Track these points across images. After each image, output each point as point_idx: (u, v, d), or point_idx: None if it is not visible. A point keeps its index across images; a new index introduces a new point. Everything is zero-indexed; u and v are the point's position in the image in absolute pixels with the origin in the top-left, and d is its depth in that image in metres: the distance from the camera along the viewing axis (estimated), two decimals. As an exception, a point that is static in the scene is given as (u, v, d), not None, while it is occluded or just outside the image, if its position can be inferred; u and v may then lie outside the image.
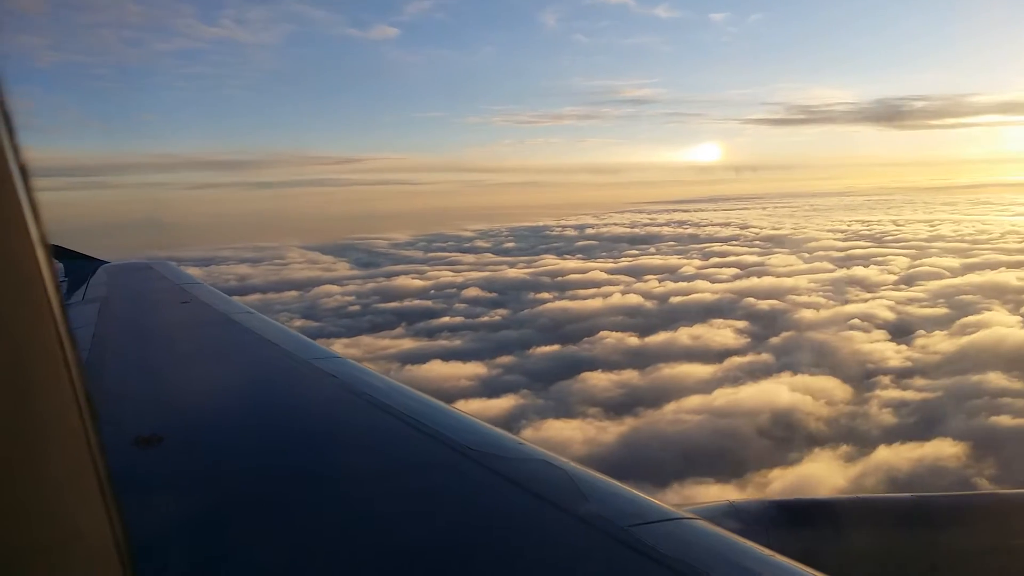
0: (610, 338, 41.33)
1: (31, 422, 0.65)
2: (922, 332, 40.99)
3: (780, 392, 29.89)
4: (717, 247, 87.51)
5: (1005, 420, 25.73)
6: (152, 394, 3.66)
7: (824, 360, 36.08)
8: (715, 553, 2.10)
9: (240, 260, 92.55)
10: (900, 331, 41.61)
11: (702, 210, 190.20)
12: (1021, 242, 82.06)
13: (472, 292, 60.00)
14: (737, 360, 36.54)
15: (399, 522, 2.28)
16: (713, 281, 60.43)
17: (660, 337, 41.21)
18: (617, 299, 52.97)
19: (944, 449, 23.31)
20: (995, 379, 30.11)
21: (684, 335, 41.25)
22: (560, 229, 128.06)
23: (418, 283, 66.33)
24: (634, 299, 52.79)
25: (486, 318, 50.67)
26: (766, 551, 2.13)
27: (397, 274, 74.16)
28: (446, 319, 50.42)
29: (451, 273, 73.52)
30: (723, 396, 29.89)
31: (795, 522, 3.17)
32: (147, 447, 2.74)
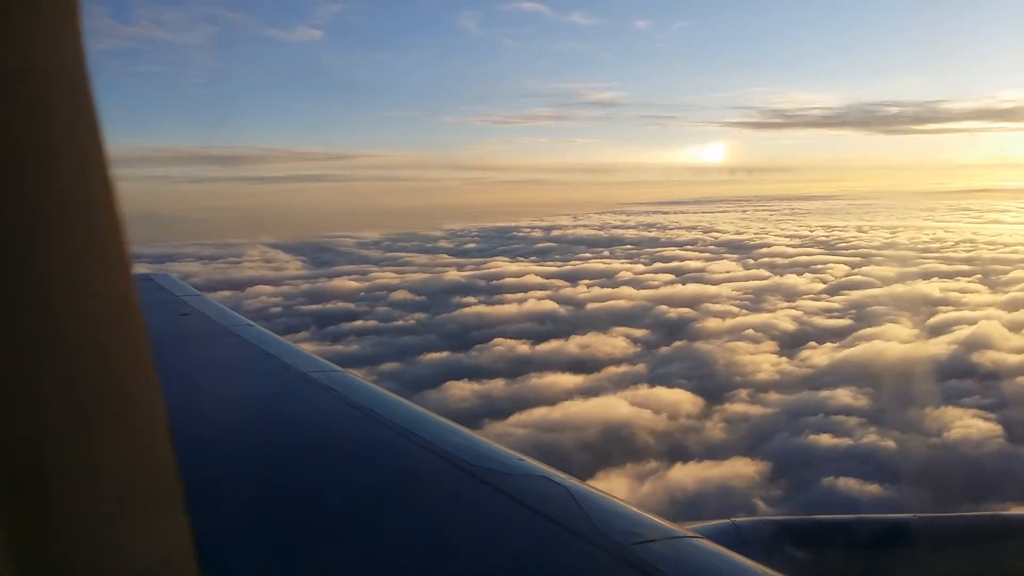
0: (501, 346, 41.57)
1: (120, 425, 0.69)
2: (813, 344, 41.18)
3: (621, 406, 30.10)
4: (668, 252, 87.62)
5: (824, 439, 25.94)
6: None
7: (696, 372, 36.34)
8: (717, 572, 2.13)
9: (197, 258, 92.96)
10: (792, 343, 41.76)
11: (682, 212, 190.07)
12: (971, 251, 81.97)
13: (400, 295, 60.34)
14: (612, 370, 36.79)
15: (399, 537, 2.28)
16: (640, 288, 60.63)
17: (551, 345, 41.46)
18: (532, 305, 53.22)
19: (739, 469, 23.54)
20: (841, 396, 30.31)
21: (574, 344, 41.46)
22: (529, 230, 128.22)
23: (354, 285, 66.66)
24: (549, 305, 53.05)
25: (400, 322, 50.96)
26: (768, 571, 2.14)
27: (342, 275, 74.55)
28: (359, 323, 50.75)
29: (394, 275, 73.90)
30: (568, 408, 30.15)
31: (797, 542, 3.20)
32: None
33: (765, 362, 37.60)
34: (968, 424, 26.31)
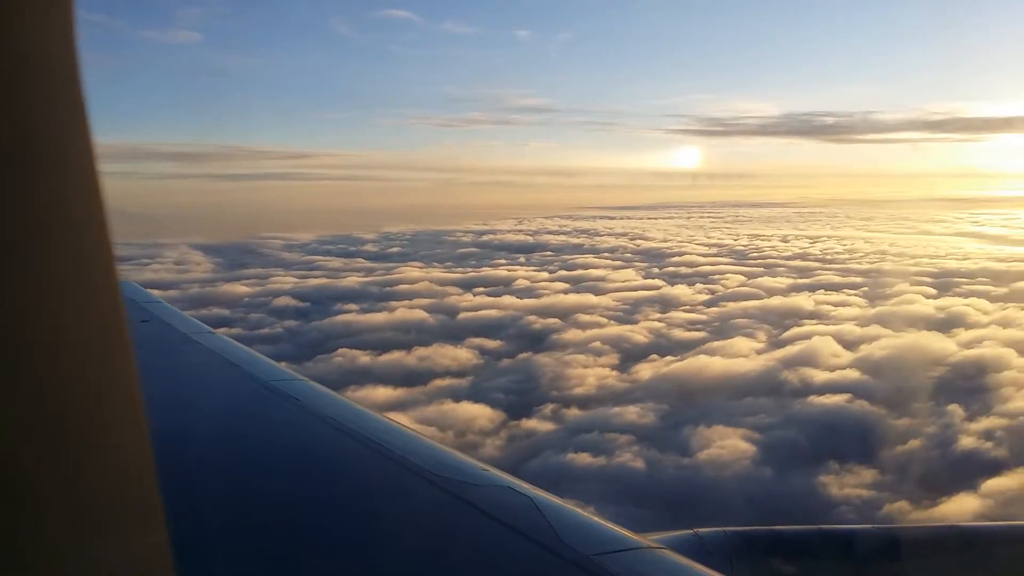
0: (342, 357, 41.47)
1: (99, 422, 0.66)
2: (654, 357, 41.49)
3: (412, 422, 30.08)
4: (582, 260, 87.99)
5: (581, 458, 26.11)
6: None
7: (519, 386, 36.51)
8: None
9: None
10: (635, 357, 42.01)
11: (630, 218, 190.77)
12: (876, 262, 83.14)
13: (283, 301, 60.01)
14: (438, 384, 36.83)
15: (363, 549, 2.23)
16: (525, 297, 60.76)
17: (392, 357, 41.41)
18: (401, 314, 53.17)
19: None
20: (630, 413, 30.59)
21: (415, 356, 41.47)
22: (463, 234, 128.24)
23: (244, 290, 66.17)
24: (419, 314, 53.01)
25: (265, 330, 50.70)
26: None
27: (243, 279, 73.99)
28: (222, 330, 49.98)
29: (295, 280, 73.55)
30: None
31: (761, 552, 3.17)
32: None
33: (592, 376, 37.80)
34: (727, 445, 26.62)
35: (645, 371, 38.47)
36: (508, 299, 59.33)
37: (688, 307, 57.17)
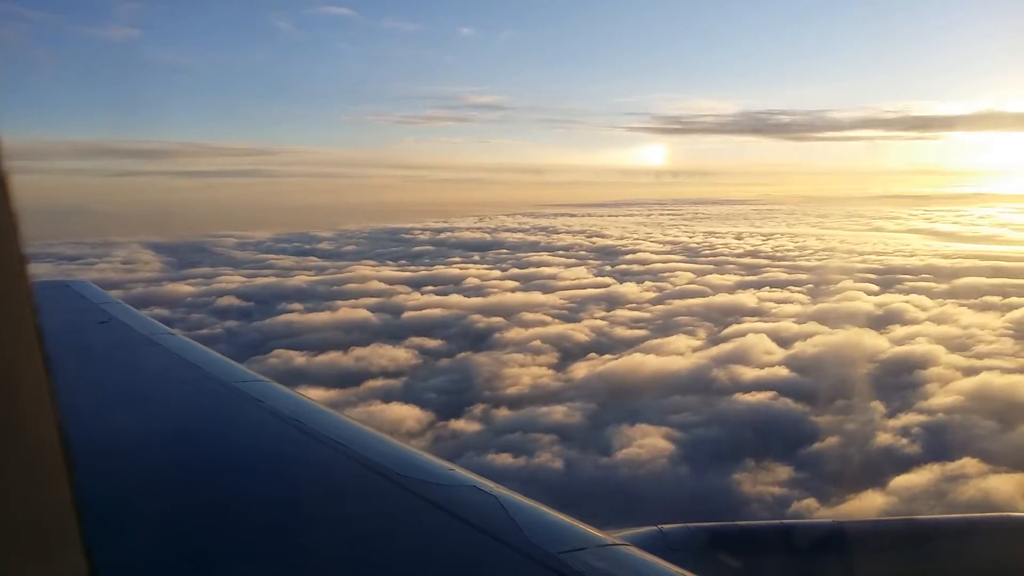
0: (277, 357, 40.97)
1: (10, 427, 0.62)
2: (593, 356, 41.57)
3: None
4: (536, 258, 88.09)
5: (501, 459, 26.03)
6: (65, 418, 3.23)
7: (453, 386, 36.39)
8: None
9: (59, 258, 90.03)
10: (574, 355, 42.04)
11: (591, 215, 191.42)
12: (824, 260, 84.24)
13: (225, 301, 59.23)
14: (371, 384, 36.54)
15: (328, 550, 2.20)
16: (473, 296, 60.61)
17: (328, 357, 41.03)
18: (344, 313, 52.74)
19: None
20: (557, 412, 30.61)
21: (352, 356, 41.12)
22: (420, 232, 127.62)
23: (189, 290, 65.23)
24: (362, 314, 52.61)
25: (205, 331, 49.91)
26: None
27: (189, 278, 72.88)
28: (161, 331, 49.46)
29: (243, 279, 72.64)
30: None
31: (725, 548, 3.17)
32: None
33: (527, 376, 37.75)
34: (647, 444, 26.71)
35: (581, 370, 38.52)
36: (455, 298, 59.12)
37: (634, 305, 57.38)
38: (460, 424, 30.68)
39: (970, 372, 35.58)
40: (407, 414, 31.47)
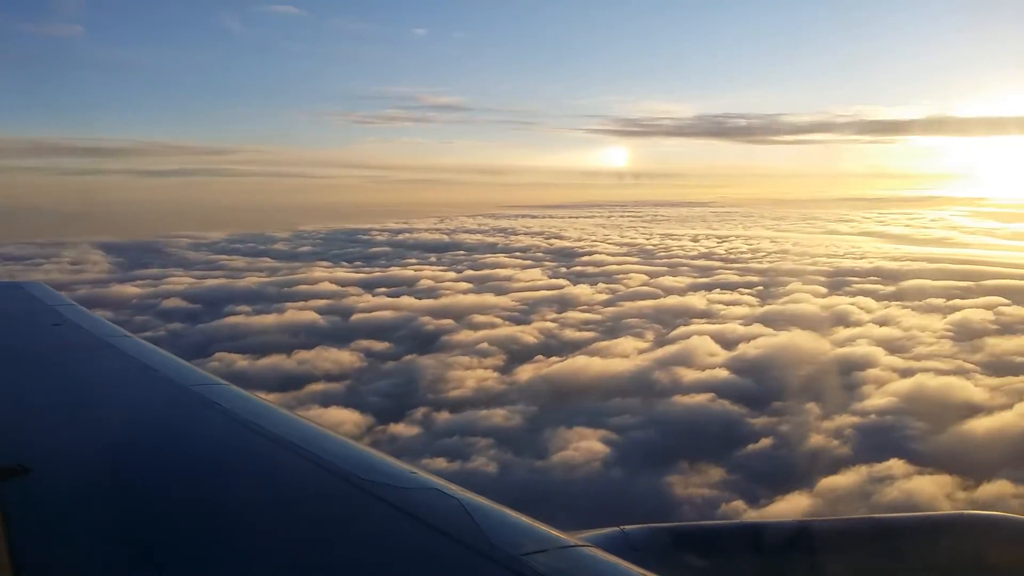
0: (218, 361, 40.28)
1: None
2: (540, 358, 41.54)
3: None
4: (492, 259, 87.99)
5: (437, 463, 25.86)
6: (19, 422, 3.36)
7: (396, 390, 36.12)
8: None
9: (5, 258, 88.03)
10: (521, 358, 41.94)
11: (552, 217, 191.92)
12: (776, 262, 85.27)
13: (172, 303, 58.23)
14: (312, 388, 36.12)
15: (289, 556, 2.18)
16: (422, 297, 60.32)
17: (270, 360, 40.47)
18: (292, 315, 52.13)
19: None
20: (496, 416, 30.50)
21: (295, 360, 40.61)
22: (379, 233, 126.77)
23: (134, 291, 64.05)
24: (310, 316, 52.05)
25: (148, 333, 48.87)
26: None
27: (138, 279, 71.52)
28: (102, 334, 48.43)
29: (193, 280, 71.52)
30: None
31: (687, 548, 3.14)
32: (10, 478, 2.57)
33: (472, 379, 37.59)
34: (583, 447, 26.74)
35: (526, 373, 38.47)
36: (406, 300, 58.74)
37: (585, 307, 57.55)
38: (399, 428, 30.45)
39: (907, 374, 36.24)
40: (346, 418, 31.10)
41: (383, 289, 64.94)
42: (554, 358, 41.35)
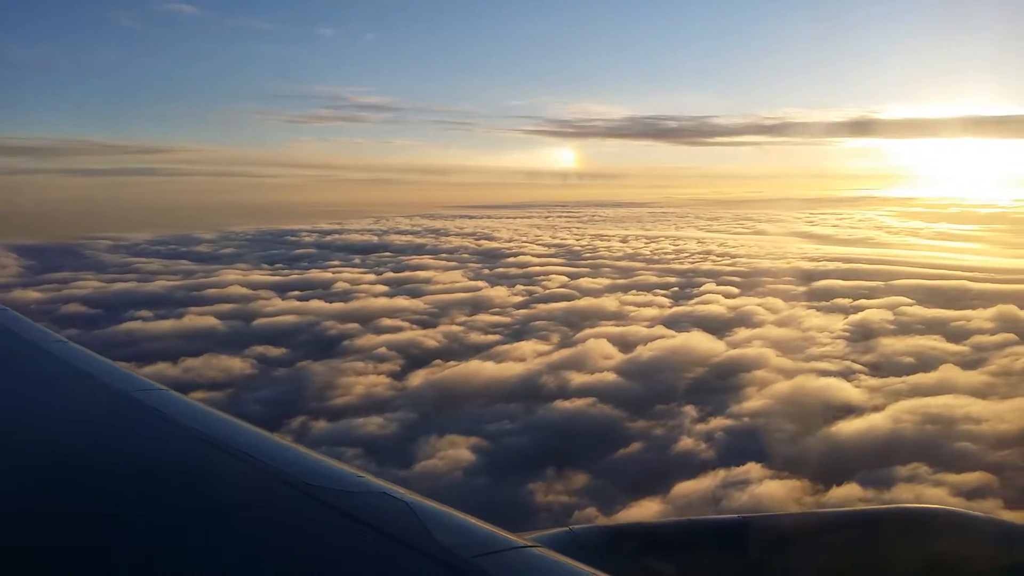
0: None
1: None
2: (438, 363, 41.16)
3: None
4: (416, 261, 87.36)
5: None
6: None
7: (281, 397, 35.44)
8: None
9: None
10: (419, 362, 41.50)
11: (490, 217, 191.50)
12: (697, 263, 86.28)
13: (72, 308, 56.43)
14: (193, 396, 34.98)
15: (236, 563, 2.18)
16: (332, 300, 59.50)
17: (157, 367, 39.30)
18: (190, 321, 50.90)
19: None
20: (372, 424, 30.06)
21: (182, 367, 39.55)
22: (307, 235, 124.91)
23: (35, 296, 61.81)
24: (209, 321, 50.88)
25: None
26: None
27: (43, 284, 69.15)
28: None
29: (97, 284, 69.47)
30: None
31: (636, 547, 3.17)
32: None
33: (361, 385, 37.03)
34: (450, 455, 26.48)
35: (418, 378, 38.07)
36: (315, 303, 57.85)
37: (498, 309, 57.33)
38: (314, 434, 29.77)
39: (792, 375, 36.83)
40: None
41: (296, 292, 63.93)
42: (452, 362, 41.05)
